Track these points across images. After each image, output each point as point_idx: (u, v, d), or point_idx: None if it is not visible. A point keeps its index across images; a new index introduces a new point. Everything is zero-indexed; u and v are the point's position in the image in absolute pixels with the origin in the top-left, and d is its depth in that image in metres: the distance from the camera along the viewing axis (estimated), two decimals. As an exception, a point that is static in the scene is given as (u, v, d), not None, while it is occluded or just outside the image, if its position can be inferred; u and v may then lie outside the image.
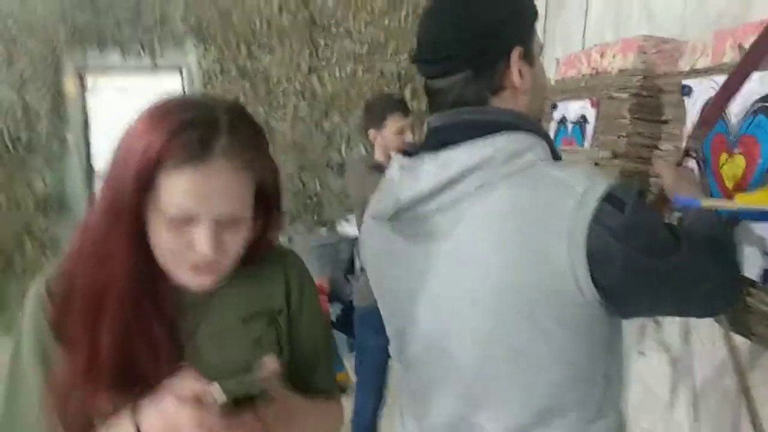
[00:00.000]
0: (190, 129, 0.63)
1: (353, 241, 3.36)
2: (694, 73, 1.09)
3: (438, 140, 0.76)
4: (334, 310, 3.40)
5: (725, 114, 0.98)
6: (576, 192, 0.66)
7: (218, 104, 0.67)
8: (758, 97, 0.91)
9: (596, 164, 1.30)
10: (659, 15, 1.62)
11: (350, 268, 3.46)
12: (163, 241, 0.65)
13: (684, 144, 0.99)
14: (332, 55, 3.58)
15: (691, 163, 1.00)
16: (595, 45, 1.53)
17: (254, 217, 0.71)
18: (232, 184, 0.65)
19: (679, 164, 0.94)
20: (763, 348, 1.16)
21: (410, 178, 0.75)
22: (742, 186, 0.94)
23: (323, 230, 3.80)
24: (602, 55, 1.41)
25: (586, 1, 1.90)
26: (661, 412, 1.50)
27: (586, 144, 1.40)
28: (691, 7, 1.49)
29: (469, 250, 0.71)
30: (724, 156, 0.99)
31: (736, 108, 0.95)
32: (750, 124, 0.93)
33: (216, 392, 0.58)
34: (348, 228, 3.57)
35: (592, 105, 1.37)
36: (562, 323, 0.69)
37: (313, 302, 0.86)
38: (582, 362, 0.73)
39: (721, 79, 1.00)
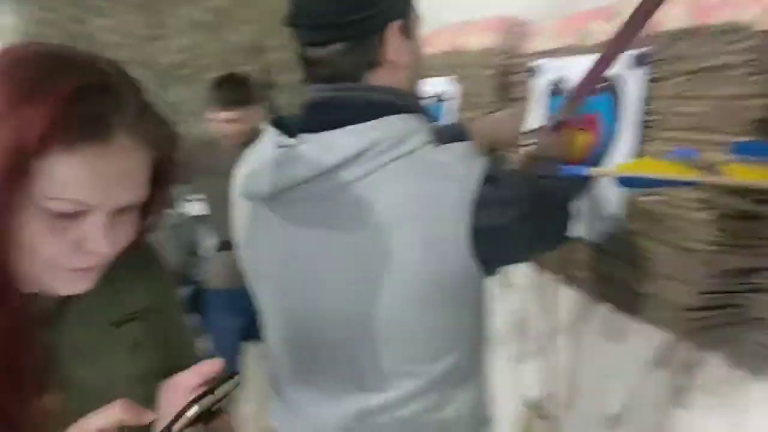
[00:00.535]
0: (84, 98, 0.49)
1: (197, 220, 3.26)
2: (541, 54, 1.18)
3: (318, 119, 0.73)
4: (184, 292, 3.29)
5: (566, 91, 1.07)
6: (458, 177, 0.69)
7: (100, 61, 0.53)
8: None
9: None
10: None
11: (195, 249, 3.36)
12: (41, 244, 0.51)
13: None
14: (173, 23, 3.33)
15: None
16: (454, 23, 1.59)
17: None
18: (135, 165, 0.53)
19: (554, 131, 1.01)
20: (595, 302, 1.32)
21: (289, 159, 0.72)
22: (586, 160, 1.04)
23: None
24: (463, 34, 1.46)
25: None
26: (511, 367, 1.64)
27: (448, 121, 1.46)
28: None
29: (356, 239, 0.70)
30: (571, 131, 1.08)
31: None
32: (595, 101, 1.02)
33: (191, 412, 0.49)
34: (190, 207, 3.42)
35: (454, 82, 1.42)
36: (450, 300, 0.73)
37: (177, 294, 0.77)
38: (461, 333, 0.77)
39: (565, 60, 1.09)
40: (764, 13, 0.81)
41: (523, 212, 0.71)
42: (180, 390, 0.53)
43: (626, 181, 0.80)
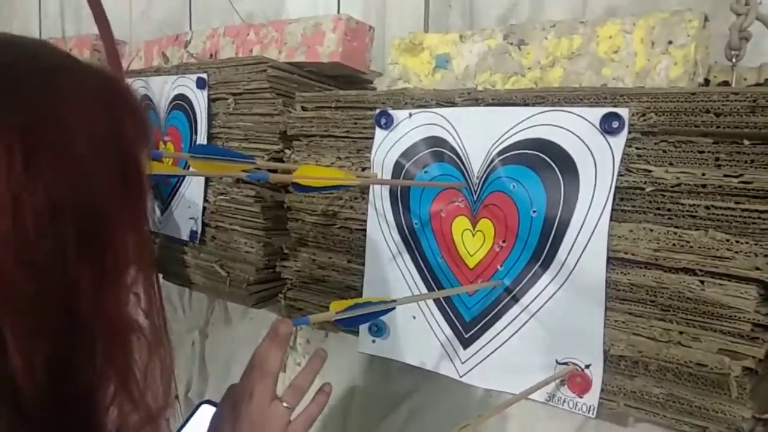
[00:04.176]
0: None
1: None
2: (130, 72, 1.29)
3: None
4: None
5: (155, 107, 1.20)
6: None
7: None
8: (173, 94, 1.16)
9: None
10: (111, 17, 1.77)
11: None
12: None
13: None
14: None
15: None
16: (51, 38, 1.58)
17: None
18: None
19: None
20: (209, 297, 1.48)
21: None
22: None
23: None
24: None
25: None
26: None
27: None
28: (137, 13, 1.70)
29: None
30: (159, 142, 1.22)
31: (163, 103, 1.19)
32: (170, 117, 1.18)
33: None
34: None
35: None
36: None
37: None
38: None
39: (154, 78, 1.22)
40: (280, 54, 1.07)
41: None
42: None
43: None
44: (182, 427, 0.52)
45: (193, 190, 1.17)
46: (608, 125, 0.63)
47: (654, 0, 0.98)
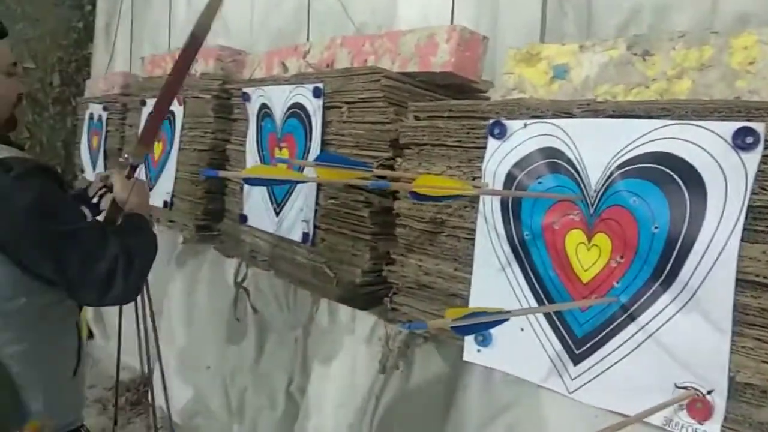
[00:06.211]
0: None
1: None
2: (252, 82, 1.37)
3: None
4: None
5: (272, 115, 1.27)
6: None
7: None
8: (291, 103, 1.22)
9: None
10: (233, 28, 1.89)
11: None
12: None
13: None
14: None
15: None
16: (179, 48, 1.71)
17: None
18: None
19: (128, 177, 0.97)
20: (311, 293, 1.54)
21: None
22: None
23: None
24: (184, 59, 1.59)
25: (169, 6, 2.06)
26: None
27: (176, 137, 1.57)
28: (257, 23, 1.80)
29: None
30: (274, 148, 1.29)
31: (278, 111, 1.25)
32: (287, 124, 1.24)
33: None
34: None
35: (179, 103, 1.55)
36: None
37: None
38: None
39: (273, 87, 1.29)
40: (393, 64, 1.10)
41: (37, 205, 0.79)
42: None
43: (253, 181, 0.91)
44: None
45: (306, 194, 1.22)
46: (741, 140, 0.59)
47: (792, 6, 0.92)
